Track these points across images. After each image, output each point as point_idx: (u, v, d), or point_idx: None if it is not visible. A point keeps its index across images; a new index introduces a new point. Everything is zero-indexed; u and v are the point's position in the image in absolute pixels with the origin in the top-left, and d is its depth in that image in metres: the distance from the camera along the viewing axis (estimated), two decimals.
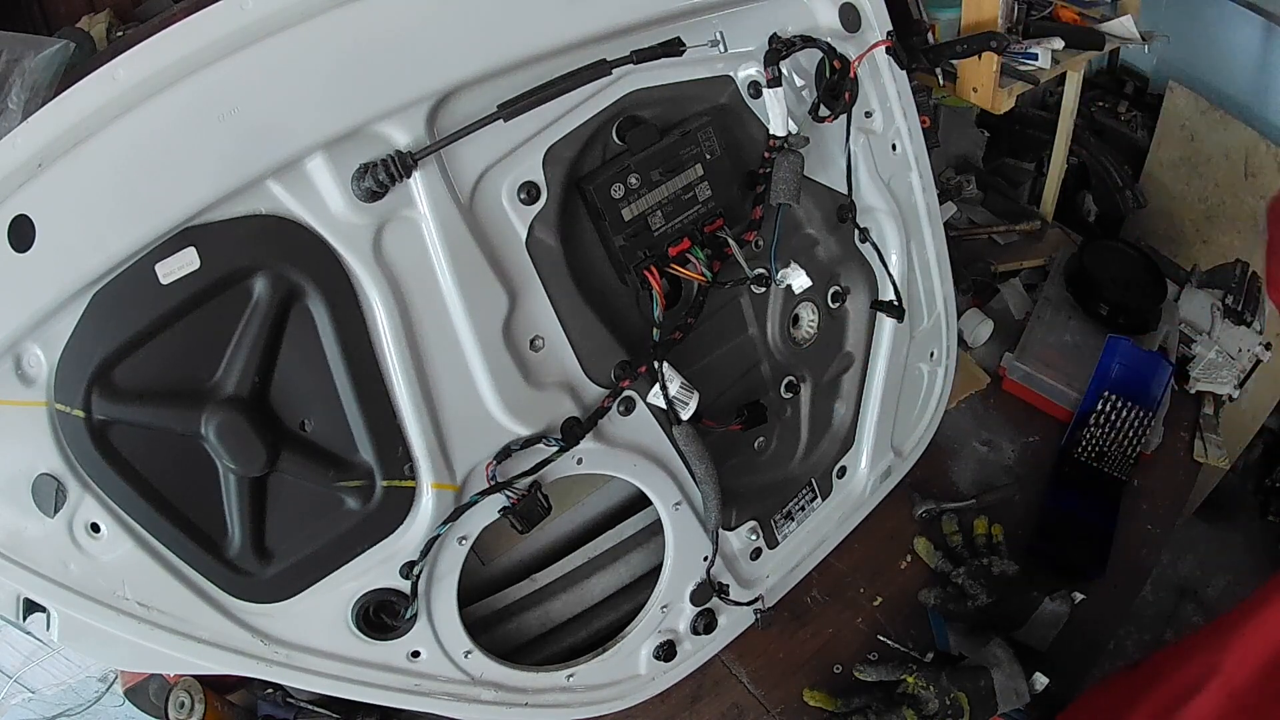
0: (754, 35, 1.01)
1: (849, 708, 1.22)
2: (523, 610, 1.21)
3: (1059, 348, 1.67)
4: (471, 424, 0.93)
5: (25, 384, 0.75)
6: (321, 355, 0.85)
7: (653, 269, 1.00)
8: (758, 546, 1.26)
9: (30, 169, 0.69)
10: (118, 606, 0.83)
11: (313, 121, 0.76)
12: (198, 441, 0.82)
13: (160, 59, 0.70)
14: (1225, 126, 2.12)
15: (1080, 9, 1.63)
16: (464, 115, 0.83)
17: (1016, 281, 1.81)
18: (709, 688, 1.30)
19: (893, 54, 1.13)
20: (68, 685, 1.62)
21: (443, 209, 0.85)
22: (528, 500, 0.97)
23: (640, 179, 0.98)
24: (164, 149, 0.72)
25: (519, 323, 0.93)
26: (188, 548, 0.85)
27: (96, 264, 0.73)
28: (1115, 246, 1.80)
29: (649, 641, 1.20)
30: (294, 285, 0.82)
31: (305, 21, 0.75)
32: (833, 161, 1.13)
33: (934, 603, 1.32)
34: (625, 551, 1.26)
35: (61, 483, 0.78)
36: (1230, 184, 2.16)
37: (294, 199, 0.79)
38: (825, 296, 1.22)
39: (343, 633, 0.95)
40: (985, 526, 1.42)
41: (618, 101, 0.95)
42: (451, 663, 1.04)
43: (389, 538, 0.93)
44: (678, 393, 1.03)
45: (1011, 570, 1.33)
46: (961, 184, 2.01)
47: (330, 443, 0.88)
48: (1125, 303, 1.69)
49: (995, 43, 1.33)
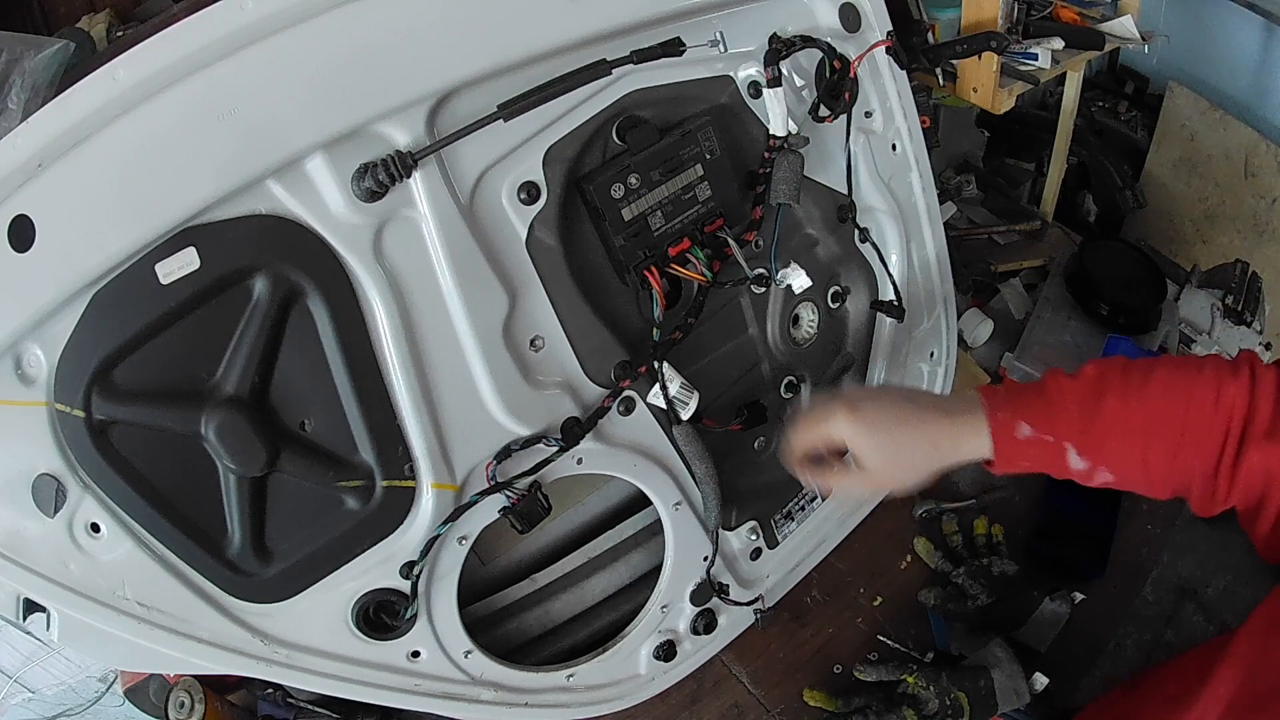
0: (754, 35, 1.01)
1: (849, 708, 1.22)
2: (523, 610, 1.21)
3: (1059, 348, 1.67)
4: (471, 424, 0.93)
5: (25, 384, 0.75)
6: (321, 355, 0.85)
7: (653, 269, 1.00)
8: (758, 546, 1.26)
9: (30, 169, 0.69)
10: (118, 606, 0.83)
11: (312, 122, 0.76)
12: (198, 441, 0.82)
13: (160, 59, 0.70)
14: (1225, 126, 2.12)
15: (1080, 9, 1.63)
16: (464, 115, 0.83)
17: (1016, 281, 1.81)
18: (709, 688, 1.30)
19: (893, 54, 1.13)
20: (68, 685, 1.62)
21: (443, 209, 0.85)
22: (528, 500, 0.97)
23: (640, 179, 0.98)
24: (164, 149, 0.72)
25: (519, 323, 0.93)
26: (188, 548, 0.85)
27: (96, 264, 0.73)
28: (1115, 246, 1.79)
29: (649, 641, 1.20)
30: (294, 285, 0.82)
31: (305, 21, 0.75)
32: (833, 161, 1.13)
33: (934, 603, 1.32)
34: (625, 551, 1.26)
35: (61, 483, 0.78)
36: (1230, 184, 2.16)
37: (294, 199, 0.79)
38: (825, 296, 1.22)
39: (343, 633, 0.95)
40: (985, 526, 1.42)
41: (618, 101, 0.95)
42: (451, 663, 1.04)
43: (389, 538, 0.94)
44: (678, 393, 1.03)
45: (1011, 570, 1.33)
46: (961, 184, 2.01)
47: (330, 443, 0.88)
48: (1125, 303, 1.69)
49: (995, 43, 1.33)
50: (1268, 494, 0.80)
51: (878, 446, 0.88)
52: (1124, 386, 0.85)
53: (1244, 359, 0.84)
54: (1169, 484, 0.86)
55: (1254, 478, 0.80)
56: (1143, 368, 0.86)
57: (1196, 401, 0.82)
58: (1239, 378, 0.81)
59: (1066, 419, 0.85)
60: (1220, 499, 0.84)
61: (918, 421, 0.88)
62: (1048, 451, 0.86)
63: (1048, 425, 0.86)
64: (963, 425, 0.88)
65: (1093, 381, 0.86)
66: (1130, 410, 0.84)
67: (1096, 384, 0.86)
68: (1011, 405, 0.88)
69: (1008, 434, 0.87)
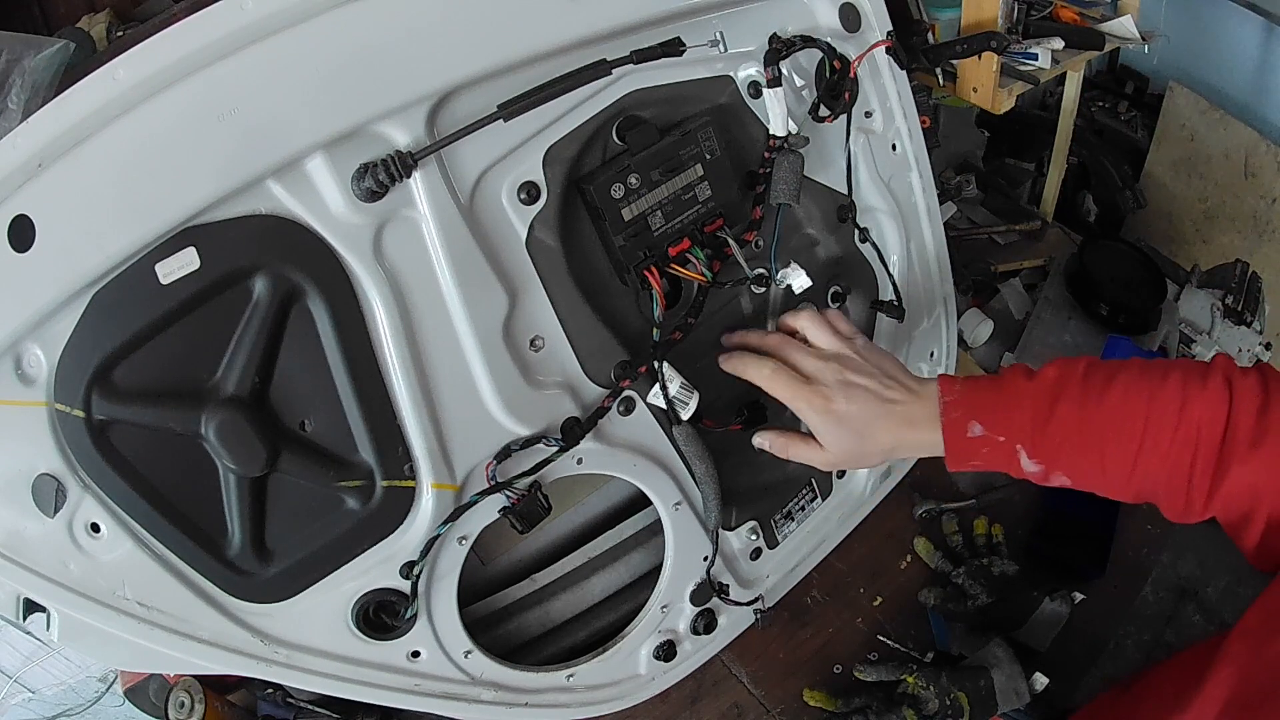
0: (754, 35, 1.01)
1: (849, 708, 1.23)
2: (523, 610, 1.21)
3: (1059, 348, 1.67)
4: (471, 424, 0.93)
5: (25, 384, 0.75)
6: (321, 355, 0.85)
7: (653, 269, 1.00)
8: (758, 546, 1.26)
9: (30, 169, 0.69)
10: (118, 606, 0.83)
11: (313, 122, 0.76)
12: (198, 441, 0.82)
13: (160, 59, 0.70)
14: (1225, 126, 2.12)
15: (1080, 9, 1.63)
16: (464, 115, 0.83)
17: (1016, 281, 1.81)
18: (709, 688, 1.30)
19: (893, 54, 1.13)
20: (68, 685, 1.62)
21: (443, 209, 0.85)
22: (528, 500, 0.97)
23: (640, 179, 0.98)
24: (164, 149, 0.72)
25: (519, 323, 0.93)
26: (188, 548, 0.85)
27: (96, 264, 0.73)
28: (1115, 246, 1.79)
29: (649, 641, 1.20)
30: (294, 285, 0.82)
31: (305, 21, 0.75)
32: (833, 161, 1.13)
33: (934, 603, 1.33)
34: (625, 551, 1.26)
35: (61, 483, 0.78)
36: (1230, 184, 2.16)
37: (294, 199, 0.79)
38: (825, 296, 1.22)
39: (343, 633, 0.95)
40: (985, 527, 1.42)
41: (618, 101, 0.95)
42: (451, 663, 1.04)
43: (389, 538, 0.93)
44: (678, 393, 1.03)
45: (1011, 570, 1.33)
46: (961, 184, 2.01)
47: (330, 443, 0.88)
48: (1125, 303, 1.69)
49: (995, 43, 1.33)
50: (1254, 508, 0.78)
51: (839, 438, 0.91)
52: (1082, 391, 0.83)
53: (1218, 364, 0.81)
54: (1130, 490, 0.84)
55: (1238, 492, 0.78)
56: (1106, 371, 0.84)
57: (1158, 410, 0.79)
58: (1208, 386, 0.78)
59: (1019, 420, 0.84)
60: (1196, 510, 0.82)
61: (883, 418, 0.90)
62: (999, 451, 0.85)
63: (1000, 425, 0.85)
64: (921, 425, 0.88)
65: (1050, 384, 0.85)
66: (1086, 416, 0.82)
67: (1054, 387, 0.84)
68: (966, 402, 0.87)
69: (959, 432, 0.86)
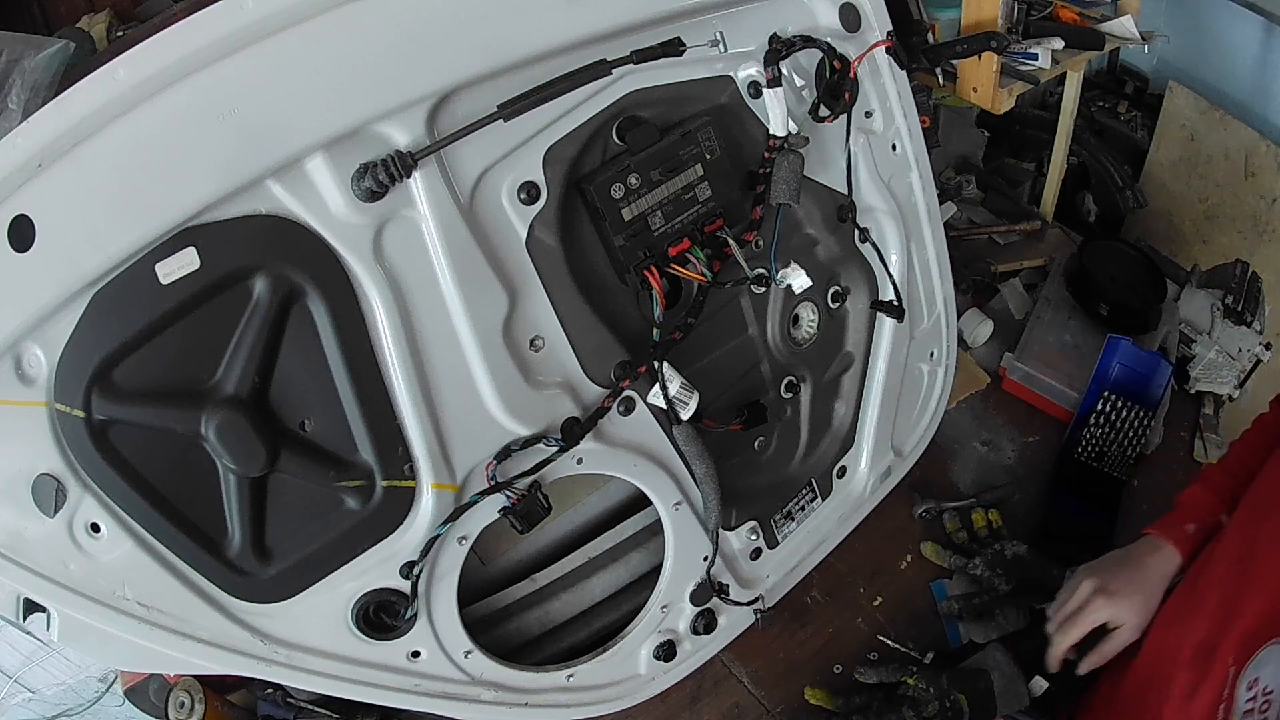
0: (754, 35, 1.01)
1: (849, 708, 1.23)
2: (523, 610, 1.21)
3: (1059, 348, 1.67)
4: (471, 424, 0.93)
5: (25, 384, 0.75)
6: (321, 355, 0.85)
7: (653, 269, 1.00)
8: (758, 546, 1.26)
9: (30, 169, 0.69)
10: (118, 606, 0.83)
11: (313, 122, 0.76)
12: (198, 441, 0.82)
13: (160, 59, 0.70)
14: (1225, 126, 2.12)
15: (1080, 9, 1.63)
16: (464, 115, 0.83)
17: (1016, 281, 1.81)
18: (709, 688, 1.30)
19: (893, 54, 1.12)
20: (68, 685, 1.62)
21: (443, 209, 0.85)
22: (528, 500, 0.97)
23: (640, 179, 0.98)
24: (164, 149, 0.72)
25: (519, 323, 0.93)
26: (188, 548, 0.85)
27: (96, 264, 0.73)
28: (1115, 246, 1.80)
29: (649, 641, 1.20)
30: (294, 285, 0.82)
31: (305, 21, 0.75)
32: (833, 161, 1.13)
33: (957, 611, 1.32)
34: (625, 551, 1.26)
35: (61, 483, 0.78)
36: (1230, 184, 2.16)
37: (294, 199, 0.79)
38: (825, 296, 1.22)
39: (343, 633, 0.95)
40: (983, 517, 1.43)
41: (618, 101, 0.95)
42: (451, 663, 1.04)
43: (389, 538, 0.93)
44: (678, 393, 1.03)
45: (1023, 550, 1.34)
46: (961, 184, 2.01)
47: (330, 443, 0.88)
48: (1125, 303, 1.69)
49: (995, 43, 1.33)
50: None
51: (1133, 607, 1.11)
52: None
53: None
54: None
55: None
56: None
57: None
58: None
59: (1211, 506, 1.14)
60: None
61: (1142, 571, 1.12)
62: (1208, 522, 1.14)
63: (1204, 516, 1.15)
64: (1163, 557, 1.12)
65: None
66: None
67: None
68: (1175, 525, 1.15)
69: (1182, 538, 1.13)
